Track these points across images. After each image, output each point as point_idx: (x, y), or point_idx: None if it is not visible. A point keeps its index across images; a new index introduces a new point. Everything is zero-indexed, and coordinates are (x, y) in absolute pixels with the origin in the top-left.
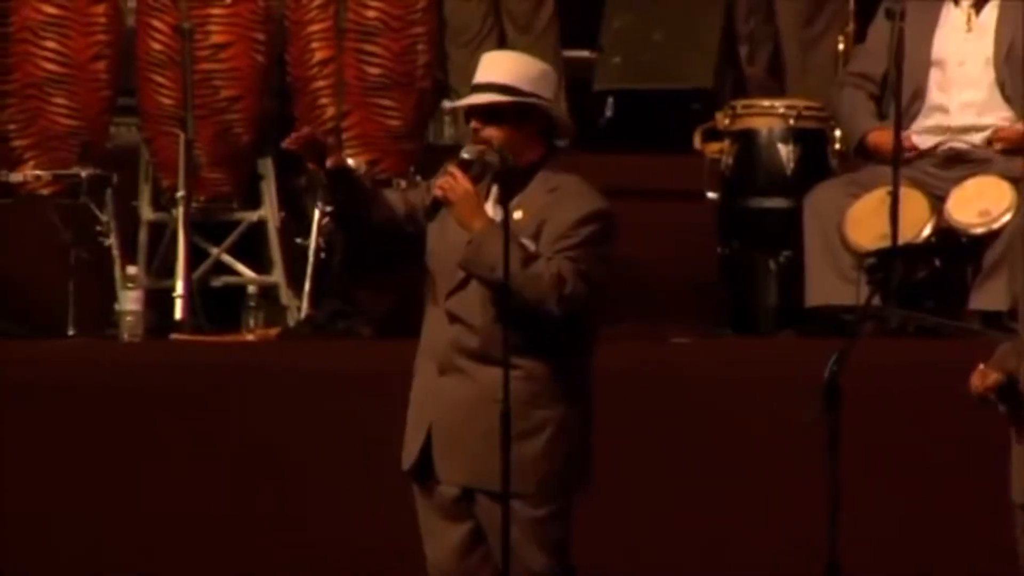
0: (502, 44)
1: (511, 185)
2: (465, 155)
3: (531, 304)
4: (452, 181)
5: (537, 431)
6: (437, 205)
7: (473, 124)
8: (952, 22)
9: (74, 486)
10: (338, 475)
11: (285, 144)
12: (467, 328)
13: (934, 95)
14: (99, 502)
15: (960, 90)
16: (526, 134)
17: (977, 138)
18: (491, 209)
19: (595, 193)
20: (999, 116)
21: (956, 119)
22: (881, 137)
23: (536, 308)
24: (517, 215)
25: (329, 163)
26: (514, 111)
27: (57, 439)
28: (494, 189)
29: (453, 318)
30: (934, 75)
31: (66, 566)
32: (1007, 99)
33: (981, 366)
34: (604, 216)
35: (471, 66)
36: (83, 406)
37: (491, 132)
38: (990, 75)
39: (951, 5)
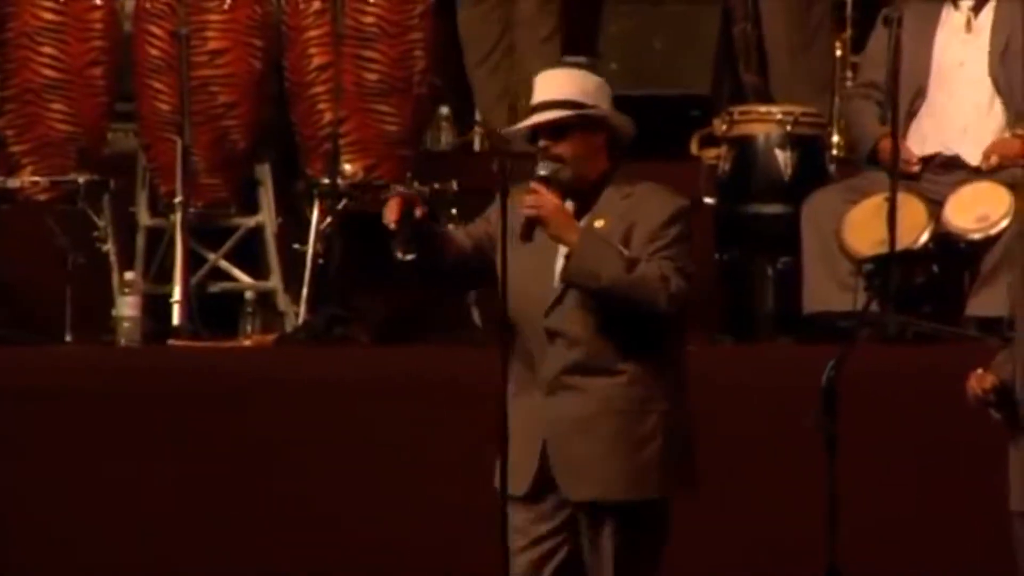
0: (511, 53)
1: (584, 197)
2: (542, 172)
3: (641, 306)
4: (540, 198)
5: (653, 434)
6: (532, 225)
7: (542, 142)
8: (952, 24)
9: (70, 491)
10: (336, 480)
11: (390, 223)
12: (570, 342)
13: (935, 96)
14: (95, 507)
15: (960, 91)
16: (594, 146)
17: (973, 153)
18: None
19: (672, 192)
20: (997, 117)
21: (956, 120)
22: (890, 143)
23: (646, 309)
24: (598, 224)
25: (419, 213)
26: (580, 124)
27: (54, 444)
28: (568, 204)
29: (553, 335)
30: (935, 76)
31: (60, 570)
32: (1002, 99)
33: (979, 370)
34: (687, 212)
35: (493, 78)
36: (80, 411)
37: (561, 148)
38: (988, 75)
39: (951, 7)
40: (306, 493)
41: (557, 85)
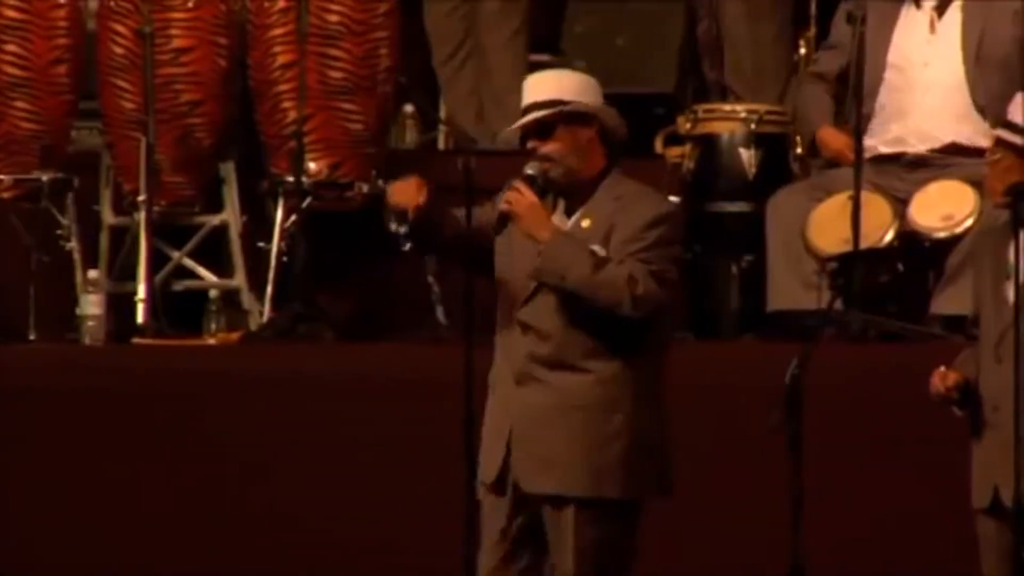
0: (478, 51)
1: (577, 195)
2: (529, 171)
3: (606, 307)
4: (517, 195)
5: (618, 435)
6: (505, 219)
7: (530, 144)
8: (913, 24)
9: (34, 489)
10: (302, 477)
11: (403, 207)
12: (540, 336)
13: (894, 97)
14: (60, 505)
15: (926, 91)
16: (584, 143)
17: (939, 153)
18: (559, 221)
19: (661, 197)
20: (962, 118)
21: (920, 123)
22: (828, 134)
23: (612, 311)
24: (585, 223)
25: (423, 200)
26: (565, 122)
27: (18, 443)
28: (561, 202)
29: (526, 328)
30: (893, 78)
31: (18, 567)
32: (976, 102)
33: (942, 368)
34: (672, 217)
35: (459, 77)
36: (44, 410)
37: (549, 147)
38: (955, 78)
39: (912, 7)
40: (271, 490)
41: (541, 87)
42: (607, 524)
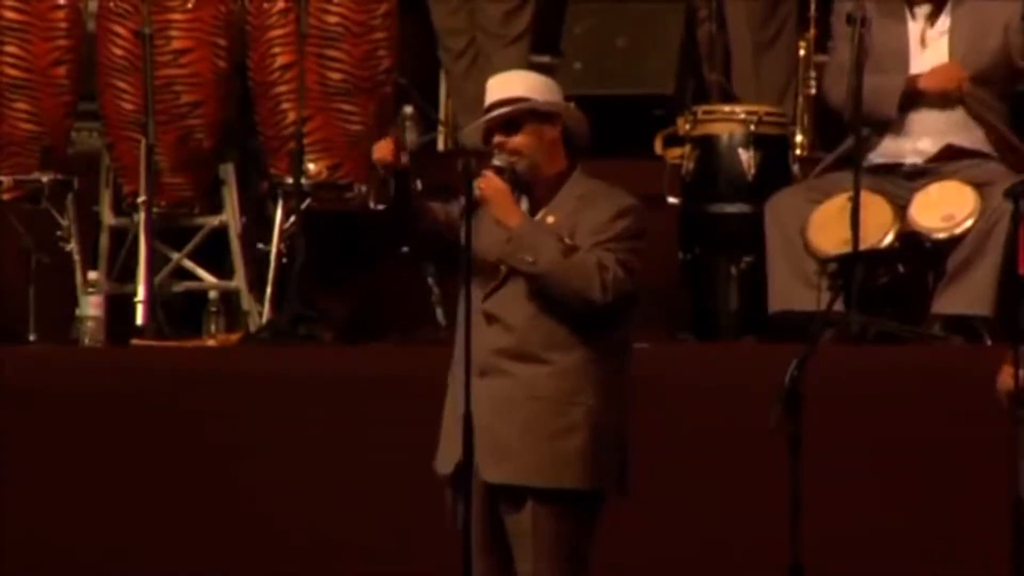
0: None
1: (541, 193)
2: (497, 162)
3: (576, 293)
4: (486, 180)
5: (577, 426)
6: (472, 208)
7: (497, 138)
8: (906, 36)
9: (35, 490)
10: (299, 478)
11: (383, 160)
12: (505, 327)
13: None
14: (59, 505)
15: (917, 105)
16: (548, 139)
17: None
18: None
19: (623, 193)
20: (958, 127)
21: (915, 138)
22: (925, 76)
23: (580, 297)
24: (550, 220)
25: (403, 160)
26: (532, 118)
27: (17, 443)
28: (524, 200)
29: (491, 318)
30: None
31: (21, 567)
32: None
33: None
34: (636, 211)
35: (469, 78)
36: (43, 411)
37: (517, 141)
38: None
39: (906, 18)
40: (270, 492)
41: (506, 86)
42: (565, 516)
